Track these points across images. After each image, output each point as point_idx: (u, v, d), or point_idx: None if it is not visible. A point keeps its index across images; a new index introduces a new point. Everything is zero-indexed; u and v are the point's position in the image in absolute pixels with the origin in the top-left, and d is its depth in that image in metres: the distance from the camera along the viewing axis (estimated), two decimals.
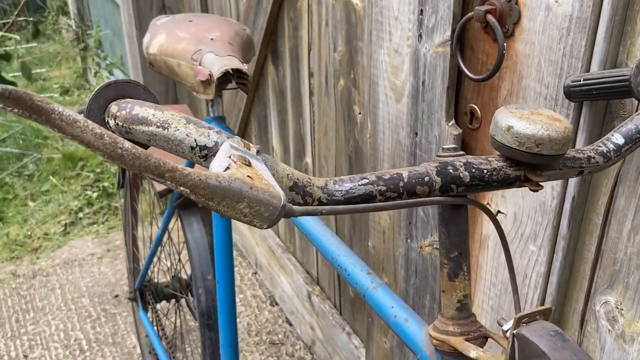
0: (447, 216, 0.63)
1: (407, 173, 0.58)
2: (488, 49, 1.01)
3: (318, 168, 1.76)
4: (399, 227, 1.37)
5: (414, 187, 0.58)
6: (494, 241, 1.10)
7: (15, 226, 2.86)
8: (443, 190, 0.59)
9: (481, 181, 0.60)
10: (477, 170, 0.60)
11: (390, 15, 1.21)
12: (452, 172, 0.59)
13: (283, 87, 1.87)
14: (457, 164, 0.60)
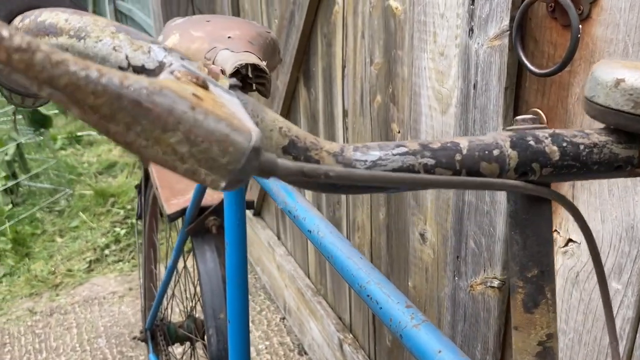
0: (523, 216, 0.45)
1: (466, 143, 0.41)
2: (556, 38, 0.83)
3: (352, 198, 1.58)
4: (444, 262, 1.16)
5: (477, 164, 0.40)
6: (563, 275, 0.89)
7: (41, 262, 2.75)
8: (520, 173, 0.41)
9: (576, 161, 0.42)
10: (570, 145, 0.42)
11: (435, 13, 1.04)
12: (534, 146, 0.41)
13: (315, 110, 1.71)
14: (541, 134, 0.42)
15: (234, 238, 1.05)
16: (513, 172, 0.41)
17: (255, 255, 2.46)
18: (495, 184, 0.39)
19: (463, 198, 1.04)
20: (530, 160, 0.41)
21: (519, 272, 0.45)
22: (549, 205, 0.45)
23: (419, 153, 0.39)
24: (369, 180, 0.33)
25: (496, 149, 0.41)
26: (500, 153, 0.41)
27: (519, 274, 0.45)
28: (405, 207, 1.28)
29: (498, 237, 0.96)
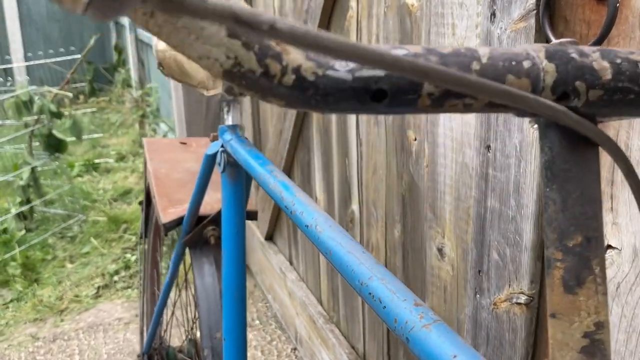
0: (562, 165, 0.35)
1: (487, 50, 0.32)
2: (589, 15, 0.74)
3: (366, 216, 1.48)
4: (464, 279, 1.05)
5: (502, 77, 0.31)
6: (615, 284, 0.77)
7: (49, 288, 2.68)
8: (559, 94, 0.32)
9: (634, 84, 0.32)
10: (627, 62, 0.33)
11: (453, 3, 0.96)
12: (578, 59, 0.32)
13: (328, 123, 1.63)
14: (586, 48, 0.33)
15: (231, 249, 0.95)
16: (550, 93, 0.32)
17: (267, 282, 2.35)
18: (528, 99, 0.30)
19: (485, 204, 0.93)
20: (573, 77, 0.32)
21: (558, 240, 0.35)
22: (596, 151, 0.35)
23: (422, 57, 0.30)
24: (352, 56, 0.24)
25: (527, 59, 0.31)
26: (532, 65, 0.31)
27: (557, 243, 0.35)
28: (422, 221, 1.18)
29: (525, 246, 0.86)
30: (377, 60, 0.25)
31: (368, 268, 0.55)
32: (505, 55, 0.32)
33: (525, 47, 0.33)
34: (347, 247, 0.58)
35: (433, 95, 0.31)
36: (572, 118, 0.32)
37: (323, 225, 0.63)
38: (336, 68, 0.30)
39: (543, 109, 0.31)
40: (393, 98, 0.31)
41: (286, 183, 0.75)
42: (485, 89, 0.28)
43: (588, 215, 0.34)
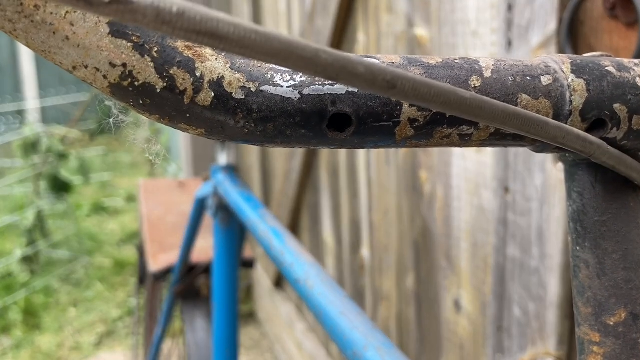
0: (597, 217, 0.27)
1: (492, 62, 0.24)
2: (617, 41, 0.66)
3: (378, 262, 1.38)
4: (483, 336, 0.95)
5: (513, 96, 0.23)
6: None
7: (50, 334, 2.58)
8: (592, 121, 0.24)
9: None
10: None
11: (465, 33, 0.89)
12: (616, 74, 0.24)
13: (336, 163, 1.55)
14: (626, 61, 0.25)
15: (222, 301, 0.86)
16: (579, 119, 0.23)
17: (275, 332, 2.24)
18: (547, 127, 0.21)
19: (505, 252, 0.84)
20: (610, 98, 0.23)
21: (593, 316, 0.26)
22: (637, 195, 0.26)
23: (399, 68, 0.22)
24: (291, 61, 0.16)
25: (546, 74, 0.23)
26: (554, 81, 0.23)
27: (592, 320, 0.26)
28: (437, 270, 1.08)
29: (550, 301, 0.76)
30: (332, 70, 0.17)
31: (362, 334, 0.45)
32: (516, 68, 0.23)
33: (543, 59, 0.24)
34: (340, 307, 0.49)
35: (417, 123, 0.23)
36: (610, 154, 0.23)
37: (314, 279, 0.54)
38: (276, 82, 0.21)
39: (570, 141, 0.22)
40: (360, 125, 0.22)
41: (277, 230, 0.66)
42: (487, 112, 0.19)
43: (634, 283, 0.25)
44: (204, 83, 0.20)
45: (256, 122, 0.21)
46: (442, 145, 0.24)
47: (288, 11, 1.74)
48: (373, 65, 0.17)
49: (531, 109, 0.23)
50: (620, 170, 0.24)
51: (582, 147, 0.22)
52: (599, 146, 0.23)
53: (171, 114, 0.21)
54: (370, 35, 1.27)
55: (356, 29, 1.33)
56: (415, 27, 1.06)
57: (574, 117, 0.24)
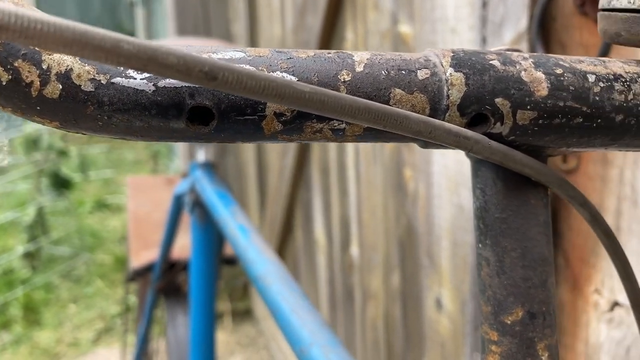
0: (497, 214, 0.26)
1: (367, 55, 0.23)
2: (587, 37, 0.65)
3: (366, 260, 1.38)
4: (462, 335, 0.95)
5: (385, 90, 0.22)
6: (609, 352, 0.67)
7: (49, 330, 2.60)
8: (472, 116, 0.23)
9: (580, 102, 0.24)
10: (571, 74, 0.24)
11: (444, 30, 0.88)
12: (500, 68, 0.23)
13: (327, 161, 1.55)
14: (515, 54, 0.24)
15: (200, 299, 0.86)
16: (457, 114, 0.23)
17: (271, 329, 2.25)
18: (418, 123, 0.21)
19: None
20: (492, 92, 0.23)
21: (492, 315, 0.26)
22: (543, 194, 0.26)
23: (263, 62, 0.22)
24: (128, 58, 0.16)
25: (424, 67, 0.23)
26: (431, 75, 0.23)
27: (492, 319, 0.26)
28: (419, 268, 1.08)
29: None
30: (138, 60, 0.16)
31: (310, 332, 0.45)
32: (392, 62, 0.23)
33: (426, 52, 0.24)
34: (292, 305, 0.49)
35: (283, 117, 0.22)
36: (493, 149, 0.23)
37: (273, 277, 0.54)
38: (129, 74, 0.21)
39: (439, 136, 0.22)
40: (223, 119, 0.22)
41: (245, 227, 0.66)
42: (330, 105, 0.19)
43: (532, 281, 0.25)
44: (51, 75, 0.20)
45: (109, 115, 0.21)
46: (318, 140, 0.23)
47: (281, 7, 1.74)
48: (187, 56, 0.17)
49: (405, 103, 0.23)
50: (510, 166, 0.24)
51: (455, 142, 0.22)
52: (477, 141, 0.22)
53: (22, 106, 0.21)
54: (358, 33, 1.26)
55: (345, 26, 1.33)
56: (400, 25, 1.06)
57: (452, 111, 0.23)
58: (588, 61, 0.25)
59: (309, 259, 1.79)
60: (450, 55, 0.24)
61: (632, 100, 0.24)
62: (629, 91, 0.24)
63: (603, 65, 0.25)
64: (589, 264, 0.68)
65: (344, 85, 0.22)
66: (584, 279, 0.69)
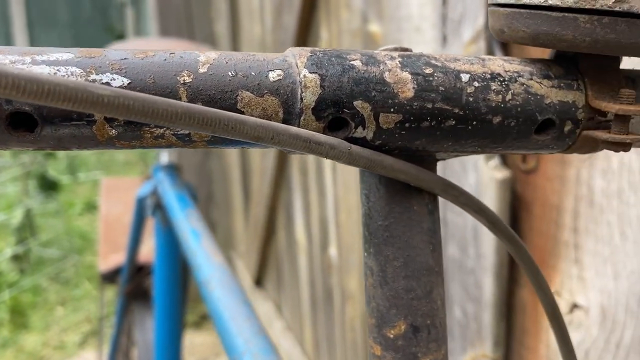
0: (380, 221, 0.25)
1: (214, 56, 0.22)
2: None
3: (345, 261, 1.37)
4: None
5: (232, 93, 0.21)
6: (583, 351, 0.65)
7: (36, 333, 2.59)
8: (330, 120, 0.22)
9: (451, 104, 0.23)
10: (442, 73, 0.23)
11: (409, 28, 0.87)
12: (360, 68, 0.22)
13: (305, 161, 1.54)
14: (382, 54, 0.23)
15: (164, 304, 0.85)
16: (312, 117, 0.22)
17: None
18: (246, 125, 0.19)
19: (446, 252, 0.82)
20: (350, 95, 0.22)
21: (376, 328, 0.25)
22: (427, 201, 0.25)
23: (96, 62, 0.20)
24: None
25: (277, 69, 0.22)
26: (284, 77, 0.21)
27: (375, 332, 0.25)
28: None
29: (486, 302, 0.74)
30: None
31: (245, 340, 0.44)
32: (243, 63, 0.22)
33: (286, 53, 0.23)
34: (232, 311, 0.48)
35: (116, 122, 0.21)
36: (354, 154, 0.21)
37: (216, 282, 0.53)
38: None
39: (283, 141, 0.20)
40: (48, 125, 0.21)
41: (197, 231, 0.65)
42: (137, 110, 0.17)
43: (415, 292, 0.24)
44: None
45: None
46: (164, 147, 0.22)
47: (260, 7, 1.73)
48: None
49: (255, 107, 0.21)
50: (379, 171, 0.23)
51: (306, 148, 0.21)
52: (332, 146, 0.21)
53: None
54: (332, 32, 1.25)
55: (319, 25, 1.32)
56: (369, 24, 1.05)
57: (307, 115, 0.22)
58: (465, 60, 0.24)
59: (291, 260, 1.78)
60: (307, 55, 0.22)
61: (511, 101, 0.23)
62: (507, 91, 0.23)
63: (481, 63, 0.24)
64: (549, 265, 0.67)
65: (184, 87, 0.21)
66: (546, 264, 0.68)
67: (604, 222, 0.59)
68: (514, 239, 0.26)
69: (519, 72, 0.24)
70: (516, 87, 0.23)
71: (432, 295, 0.25)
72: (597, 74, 0.24)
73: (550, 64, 0.25)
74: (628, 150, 0.24)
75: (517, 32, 0.24)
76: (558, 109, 0.24)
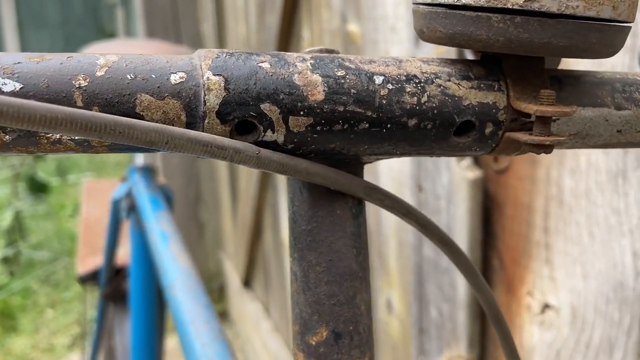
0: (303, 226, 0.25)
1: (113, 59, 0.22)
2: None
3: None
4: (410, 337, 0.93)
5: (130, 97, 0.21)
6: (542, 355, 0.66)
7: (25, 336, 2.58)
8: (237, 123, 0.22)
9: (363, 107, 0.22)
10: (354, 75, 0.22)
11: (385, 28, 0.87)
12: (268, 70, 0.22)
13: None
14: (292, 57, 0.23)
15: (139, 307, 0.85)
16: (217, 121, 0.21)
17: (245, 332, 2.23)
18: (135, 129, 0.19)
19: (422, 252, 0.82)
20: (257, 98, 0.21)
21: (299, 334, 0.24)
22: (350, 205, 0.24)
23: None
24: None
25: (180, 72, 0.21)
26: (186, 80, 0.21)
27: (298, 339, 0.24)
28: (372, 269, 1.07)
29: (460, 302, 0.74)
30: None
31: (202, 345, 0.44)
32: (143, 66, 0.21)
33: (194, 54, 0.22)
34: (193, 316, 0.48)
35: (9, 128, 0.20)
36: (262, 158, 0.21)
37: (179, 287, 0.53)
38: None
39: (193, 147, 0.20)
40: None
41: (166, 234, 0.65)
42: (31, 116, 0.17)
43: (337, 298, 0.23)
44: None
45: None
46: (63, 152, 0.22)
47: (245, 7, 1.72)
48: None
49: (155, 110, 0.21)
50: (295, 175, 0.22)
51: (207, 152, 0.20)
52: (237, 150, 0.21)
53: None
54: (314, 32, 1.25)
55: (301, 25, 1.31)
56: (348, 23, 1.04)
57: (211, 119, 0.21)
58: (381, 61, 0.23)
59: (278, 260, 1.78)
60: (212, 57, 0.22)
61: (427, 103, 0.23)
62: (422, 93, 0.23)
63: (396, 65, 0.23)
64: (521, 265, 0.67)
65: (79, 91, 0.20)
66: (517, 281, 0.68)
67: (573, 222, 0.59)
68: (448, 241, 0.26)
69: (436, 73, 0.23)
70: (432, 88, 0.23)
71: (355, 301, 0.24)
72: (520, 75, 0.24)
73: (472, 65, 0.24)
74: (549, 152, 0.23)
75: (435, 32, 0.24)
76: (477, 111, 0.23)
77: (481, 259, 0.72)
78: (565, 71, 0.26)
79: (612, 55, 0.23)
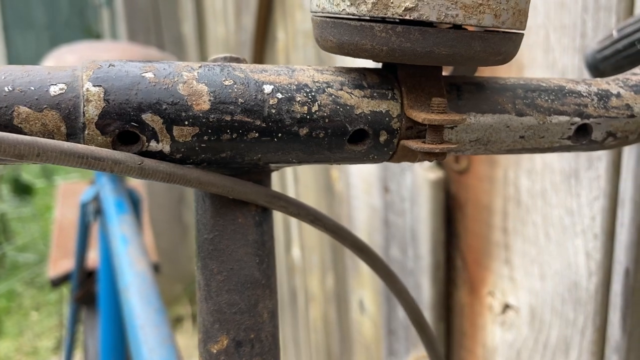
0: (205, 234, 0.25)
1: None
2: None
3: (308, 262, 1.36)
4: (381, 338, 0.94)
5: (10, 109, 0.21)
6: (503, 355, 0.66)
7: (9, 339, 2.56)
8: (118, 134, 0.21)
9: (251, 116, 0.22)
10: (242, 85, 0.22)
11: None
12: (150, 80, 0.22)
13: None
14: (179, 66, 0.23)
15: (109, 312, 0.84)
16: (97, 132, 0.21)
17: None
18: (17, 145, 0.19)
19: (389, 253, 0.82)
20: (138, 108, 0.21)
21: (202, 343, 0.24)
22: (254, 213, 0.24)
23: None
24: None
25: (60, 83, 0.21)
26: (66, 91, 0.21)
27: (201, 348, 0.24)
28: (347, 270, 1.07)
29: (424, 303, 0.74)
30: None
31: (149, 349, 0.43)
32: (23, 78, 0.21)
33: (77, 65, 0.22)
34: (143, 319, 0.48)
35: None
36: (147, 169, 0.21)
37: (133, 290, 0.52)
38: None
39: (67, 159, 0.20)
40: None
41: (126, 237, 0.64)
42: None
43: (239, 306, 0.23)
44: None
45: None
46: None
47: (224, 9, 1.72)
48: None
49: (34, 122, 0.21)
50: (186, 185, 0.22)
51: (84, 164, 0.20)
52: (117, 161, 0.21)
53: None
54: (288, 33, 1.25)
55: (276, 26, 1.31)
56: None
57: (91, 130, 0.21)
58: (272, 70, 0.23)
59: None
60: (94, 68, 0.22)
61: (318, 112, 0.23)
62: (313, 102, 0.23)
63: (288, 74, 0.23)
64: (483, 265, 0.67)
65: None
66: (479, 281, 0.68)
67: (530, 223, 0.59)
68: (362, 246, 0.26)
69: (328, 82, 0.23)
70: (323, 97, 0.23)
71: (257, 309, 0.24)
72: (415, 83, 0.24)
73: (367, 73, 0.24)
74: (442, 159, 0.23)
75: (327, 41, 0.24)
76: (370, 119, 0.23)
77: (445, 259, 0.72)
78: (465, 78, 0.26)
79: (504, 63, 0.23)
